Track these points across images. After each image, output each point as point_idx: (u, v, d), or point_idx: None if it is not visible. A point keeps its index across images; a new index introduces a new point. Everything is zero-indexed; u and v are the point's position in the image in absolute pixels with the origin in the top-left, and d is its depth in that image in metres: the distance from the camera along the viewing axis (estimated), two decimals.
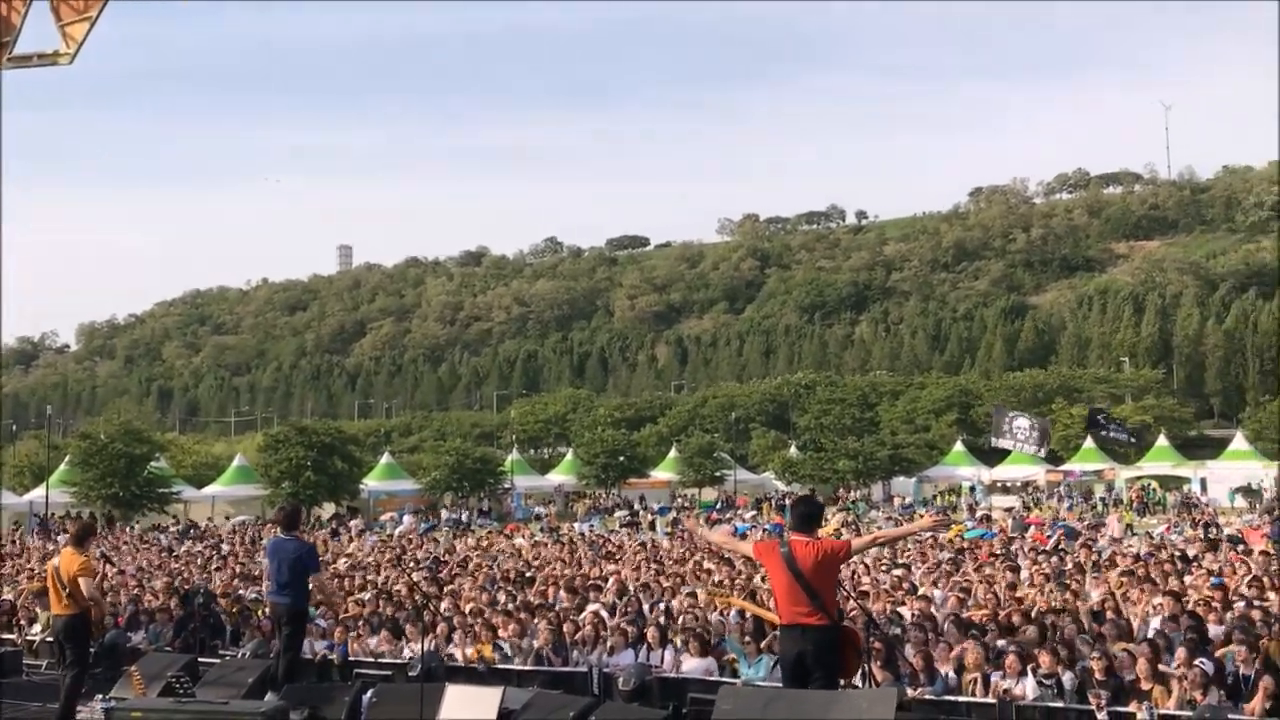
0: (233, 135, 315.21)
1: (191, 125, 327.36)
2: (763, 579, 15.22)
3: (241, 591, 18.06)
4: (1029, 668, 10.72)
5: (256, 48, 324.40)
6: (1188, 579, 16.59)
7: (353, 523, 46.64)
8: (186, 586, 18.39)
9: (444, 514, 53.65)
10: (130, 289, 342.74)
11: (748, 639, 11.85)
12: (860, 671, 10.77)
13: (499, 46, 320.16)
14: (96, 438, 55.08)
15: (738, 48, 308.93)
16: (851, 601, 12.85)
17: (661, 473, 65.37)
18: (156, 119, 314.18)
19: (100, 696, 11.44)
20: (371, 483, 58.46)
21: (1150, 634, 11.91)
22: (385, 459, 64.60)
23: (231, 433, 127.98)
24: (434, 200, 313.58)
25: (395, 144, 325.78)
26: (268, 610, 11.83)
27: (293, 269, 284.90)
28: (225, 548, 31.76)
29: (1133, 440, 57.85)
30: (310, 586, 11.09)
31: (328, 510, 55.13)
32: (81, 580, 10.60)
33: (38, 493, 52.78)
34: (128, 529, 46.82)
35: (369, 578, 20.67)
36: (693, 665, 12.04)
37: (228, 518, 50.99)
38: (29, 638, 15.48)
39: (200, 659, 13.25)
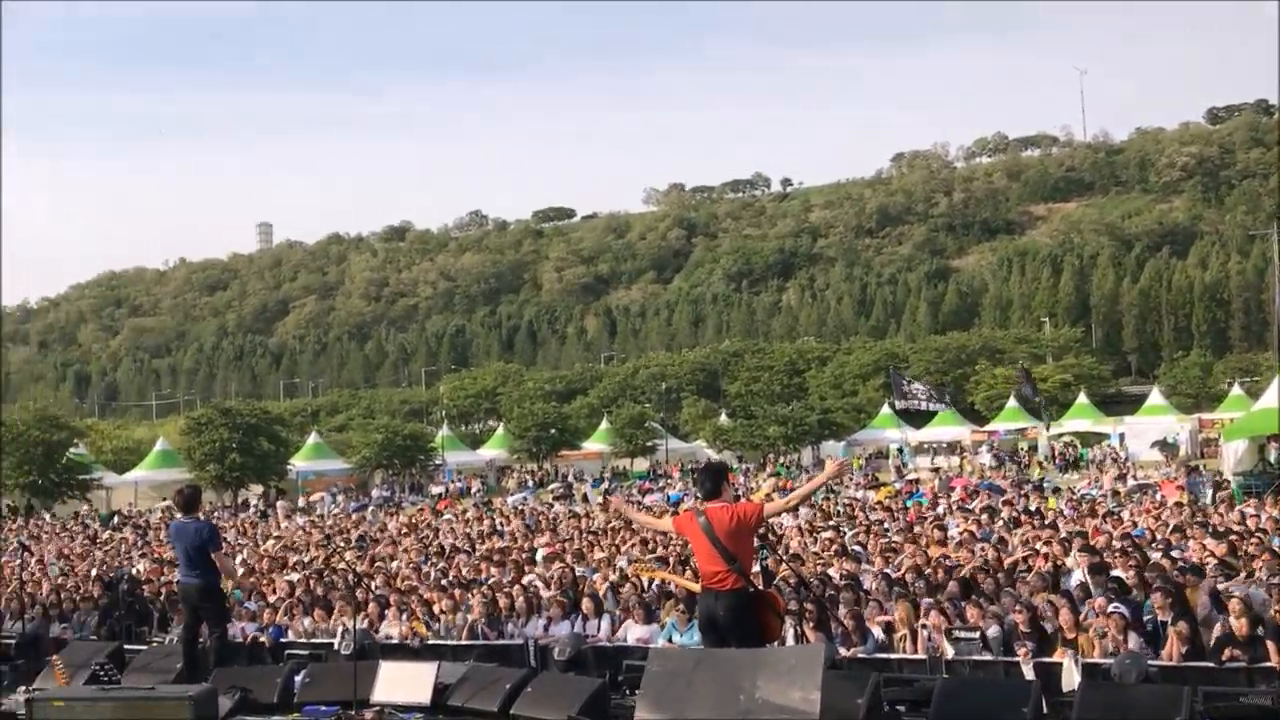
0: (139, 107, 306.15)
1: (100, 96, 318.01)
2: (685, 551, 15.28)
3: (167, 576, 17.75)
4: (956, 623, 10.94)
5: (159, 16, 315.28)
6: (1109, 531, 17.03)
7: (280, 504, 45.96)
8: (110, 574, 18.04)
9: (374, 492, 53.15)
10: (42, 272, 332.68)
11: (681, 608, 11.91)
12: (794, 633, 10.93)
13: (421, 13, 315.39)
14: (12, 425, 53.52)
15: (662, 16, 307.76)
16: (784, 565, 13.00)
17: (593, 444, 65.33)
18: (60, 88, 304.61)
19: (23, 688, 11.17)
20: (299, 463, 57.63)
21: (1073, 586, 12.20)
22: (313, 438, 63.60)
23: (153, 416, 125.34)
24: (354, 174, 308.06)
25: (313, 117, 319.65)
26: (179, 593, 11.76)
27: (211, 248, 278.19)
28: (150, 533, 31.13)
29: (1038, 399, 59.75)
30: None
31: (256, 492, 54.24)
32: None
33: None
34: (46, 517, 45.65)
35: (299, 558, 20.44)
36: (637, 633, 12.07)
37: (165, 499, 49.68)
38: None
39: (127, 646, 13.01)
